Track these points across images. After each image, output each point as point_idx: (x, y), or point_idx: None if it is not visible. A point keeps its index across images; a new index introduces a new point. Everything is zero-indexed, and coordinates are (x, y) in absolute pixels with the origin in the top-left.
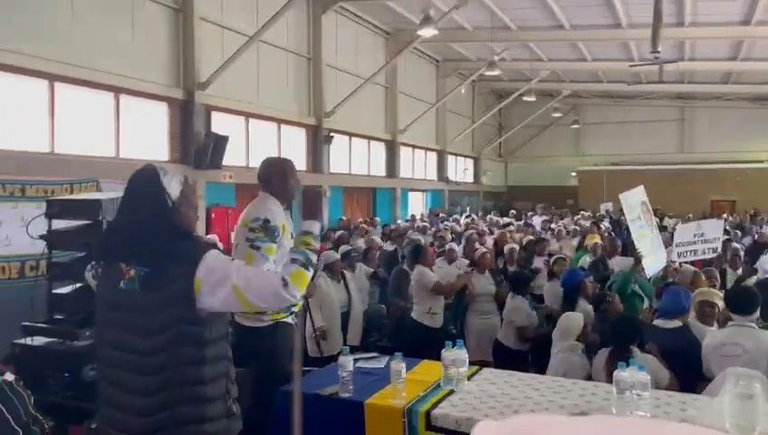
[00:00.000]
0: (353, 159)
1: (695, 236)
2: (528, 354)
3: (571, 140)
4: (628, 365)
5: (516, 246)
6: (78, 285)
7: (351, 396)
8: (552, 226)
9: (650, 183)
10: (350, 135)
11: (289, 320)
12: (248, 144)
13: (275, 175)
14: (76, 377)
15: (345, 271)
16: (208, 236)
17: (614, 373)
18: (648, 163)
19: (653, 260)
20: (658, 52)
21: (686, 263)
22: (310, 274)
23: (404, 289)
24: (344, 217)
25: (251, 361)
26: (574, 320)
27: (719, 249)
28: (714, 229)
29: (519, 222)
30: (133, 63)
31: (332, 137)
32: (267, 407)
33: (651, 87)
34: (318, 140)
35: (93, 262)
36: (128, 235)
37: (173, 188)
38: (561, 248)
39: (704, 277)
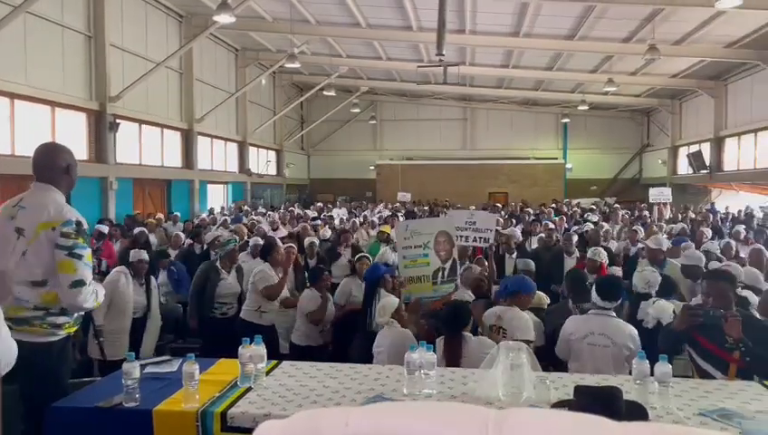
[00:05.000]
0: (144, 148)
1: (466, 223)
2: (325, 350)
3: (370, 136)
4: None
5: (316, 240)
6: None
7: (138, 405)
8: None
9: (439, 176)
10: (141, 122)
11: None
12: (14, 129)
13: (65, 163)
14: None
15: (152, 276)
16: None
17: (405, 355)
18: (438, 158)
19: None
20: (443, 55)
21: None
22: None
23: (211, 290)
24: (138, 212)
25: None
26: (390, 302)
27: (491, 240)
28: (486, 221)
29: (324, 215)
30: None
31: (119, 124)
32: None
33: (438, 88)
34: (102, 127)
35: None
36: None
37: None
38: (358, 240)
39: (478, 267)
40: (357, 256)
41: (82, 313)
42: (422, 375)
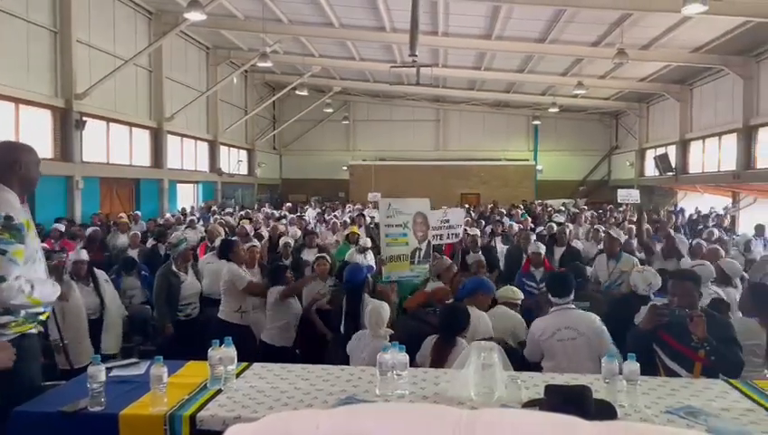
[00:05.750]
0: (112, 146)
1: (441, 222)
2: (294, 351)
3: (343, 136)
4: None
5: (291, 241)
6: None
7: (104, 409)
8: (326, 217)
9: (411, 177)
10: (108, 120)
11: (34, 330)
12: None
13: (19, 162)
14: None
15: (95, 272)
16: None
17: (377, 356)
18: (411, 159)
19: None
20: (416, 56)
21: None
22: None
23: (175, 293)
24: (101, 212)
25: None
26: (386, 310)
27: (461, 235)
28: (457, 217)
29: (293, 215)
30: None
31: (85, 121)
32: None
33: (411, 89)
34: (68, 125)
35: None
36: None
37: None
38: (331, 246)
39: (449, 260)
40: (315, 257)
41: (39, 310)
42: (394, 376)
